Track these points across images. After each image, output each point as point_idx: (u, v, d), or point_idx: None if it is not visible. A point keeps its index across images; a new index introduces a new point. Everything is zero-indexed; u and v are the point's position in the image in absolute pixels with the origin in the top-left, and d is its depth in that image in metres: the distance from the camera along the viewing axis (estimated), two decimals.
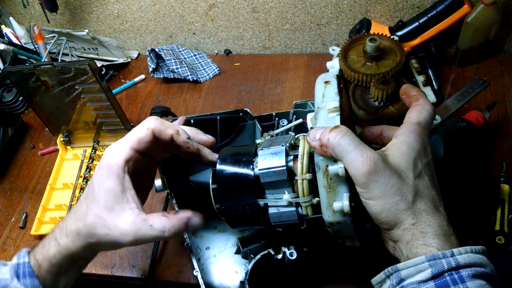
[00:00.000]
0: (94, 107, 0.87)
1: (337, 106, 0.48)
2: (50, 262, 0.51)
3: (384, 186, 0.42)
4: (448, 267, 0.39)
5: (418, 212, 0.42)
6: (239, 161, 0.52)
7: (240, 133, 0.74)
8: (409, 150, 0.44)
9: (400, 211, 0.42)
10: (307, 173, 0.48)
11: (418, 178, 0.44)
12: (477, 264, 0.40)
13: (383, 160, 0.42)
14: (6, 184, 0.92)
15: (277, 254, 0.58)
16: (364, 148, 0.43)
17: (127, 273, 0.74)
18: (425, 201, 0.43)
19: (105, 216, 0.49)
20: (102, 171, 0.49)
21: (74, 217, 0.52)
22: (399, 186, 0.42)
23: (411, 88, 0.52)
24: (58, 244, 0.51)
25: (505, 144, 0.79)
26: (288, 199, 0.49)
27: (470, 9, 0.85)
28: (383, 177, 0.42)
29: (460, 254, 0.40)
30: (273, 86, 1.00)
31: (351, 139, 0.43)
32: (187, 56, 1.08)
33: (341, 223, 0.46)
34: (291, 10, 0.99)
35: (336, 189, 0.45)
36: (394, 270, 0.41)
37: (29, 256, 0.52)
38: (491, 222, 0.68)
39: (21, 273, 0.50)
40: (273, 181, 0.50)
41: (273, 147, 0.51)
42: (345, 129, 0.44)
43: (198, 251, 0.71)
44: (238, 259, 0.69)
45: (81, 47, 1.08)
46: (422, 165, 0.44)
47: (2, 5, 1.10)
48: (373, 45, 0.72)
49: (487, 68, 0.93)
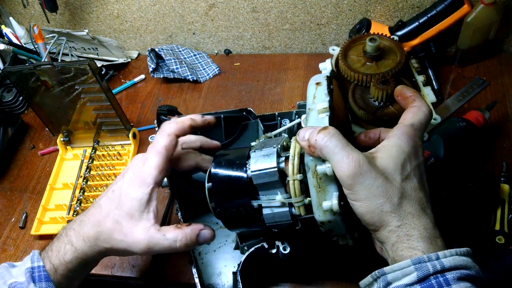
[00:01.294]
0: (94, 107, 0.87)
1: (326, 107, 0.48)
2: (66, 266, 0.53)
3: (369, 188, 0.42)
4: (433, 270, 0.39)
5: (404, 214, 0.42)
6: (232, 164, 0.53)
7: (244, 132, 0.75)
8: (398, 153, 0.44)
9: (385, 213, 0.42)
10: (298, 173, 0.48)
11: (406, 180, 0.44)
12: (462, 266, 0.40)
13: (369, 162, 0.43)
14: (6, 184, 0.92)
15: (271, 249, 0.59)
16: (350, 150, 0.43)
17: (127, 273, 0.74)
18: (412, 203, 0.43)
19: (123, 222, 0.51)
20: (133, 181, 0.52)
21: (92, 222, 0.53)
22: (385, 188, 0.42)
23: (406, 90, 0.52)
24: (75, 249, 0.53)
25: (505, 144, 0.79)
26: (280, 199, 0.50)
27: (470, 9, 0.85)
28: (368, 179, 0.42)
29: (445, 257, 0.40)
30: (273, 86, 1.00)
31: (338, 141, 0.43)
32: (187, 56, 1.08)
33: (331, 222, 0.47)
34: (291, 10, 0.99)
35: (326, 188, 0.46)
36: (381, 274, 0.42)
37: (43, 260, 0.53)
38: (491, 222, 0.68)
39: (37, 277, 0.51)
40: (266, 183, 0.50)
41: (265, 149, 0.52)
42: (332, 130, 0.44)
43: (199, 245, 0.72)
44: (237, 254, 0.69)
45: (81, 47, 1.08)
46: (411, 168, 0.44)
47: (2, 5, 1.10)
48: (373, 45, 0.72)
49: (487, 68, 0.93)
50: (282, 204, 0.50)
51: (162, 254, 0.74)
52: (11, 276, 0.53)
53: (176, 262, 0.73)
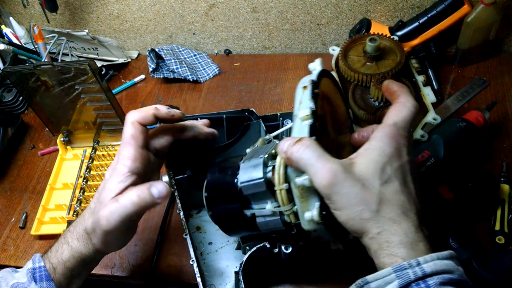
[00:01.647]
0: (94, 107, 0.87)
1: (308, 114, 0.48)
2: (64, 265, 0.54)
3: (346, 197, 0.42)
4: (414, 277, 0.39)
5: (384, 220, 0.42)
6: (224, 175, 0.54)
7: (246, 132, 0.75)
8: (378, 156, 0.43)
9: (365, 221, 0.42)
10: (284, 183, 0.48)
11: (386, 184, 0.43)
12: (444, 271, 0.39)
13: (344, 170, 0.42)
14: (6, 184, 0.92)
15: (274, 248, 0.59)
16: (325, 160, 0.43)
17: (127, 273, 0.74)
18: (392, 208, 0.42)
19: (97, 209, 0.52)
20: (111, 176, 0.53)
21: (81, 221, 0.55)
22: (362, 195, 0.42)
23: (392, 84, 0.50)
24: (71, 248, 0.54)
25: (505, 144, 0.79)
26: (271, 209, 0.50)
27: (470, 9, 0.85)
28: (344, 187, 0.42)
29: (426, 263, 0.39)
30: (273, 86, 1.00)
31: (313, 152, 0.43)
32: (187, 56, 1.08)
33: (317, 230, 0.47)
34: (291, 10, 0.99)
35: (308, 199, 0.46)
36: (364, 282, 0.41)
37: (43, 261, 0.54)
38: (491, 222, 0.68)
39: (38, 277, 0.53)
40: (255, 193, 0.51)
41: (253, 159, 0.52)
42: (307, 142, 0.44)
43: (201, 245, 0.72)
44: (239, 254, 0.70)
45: (81, 47, 1.08)
46: (392, 170, 0.43)
47: (2, 5, 1.10)
48: (373, 45, 0.72)
49: (487, 68, 0.93)
50: (273, 213, 0.51)
51: (162, 254, 0.74)
52: (14, 278, 0.54)
53: (176, 262, 0.73)
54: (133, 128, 0.54)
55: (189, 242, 0.64)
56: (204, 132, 0.62)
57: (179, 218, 0.79)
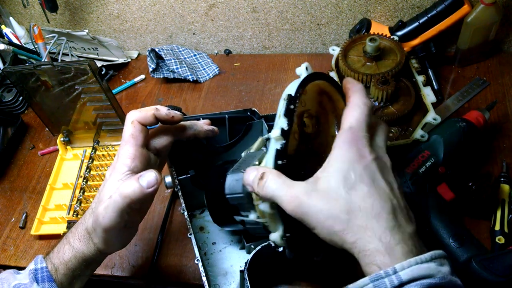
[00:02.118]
0: (94, 107, 0.87)
1: (278, 135, 0.46)
2: (66, 266, 0.54)
3: (315, 215, 0.42)
4: (391, 286, 0.37)
5: (356, 229, 0.41)
6: (217, 183, 0.56)
7: (248, 132, 0.75)
8: (340, 164, 0.43)
9: (339, 232, 0.41)
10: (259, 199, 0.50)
11: (352, 191, 0.41)
12: (422, 276, 0.38)
13: (307, 191, 0.42)
14: (6, 184, 0.92)
15: (278, 247, 0.59)
16: (286, 187, 0.43)
17: (127, 273, 0.74)
18: (362, 214, 0.41)
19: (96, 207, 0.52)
20: (111, 176, 0.54)
21: (83, 220, 0.55)
22: (329, 209, 0.41)
23: (346, 83, 0.48)
24: (73, 248, 0.54)
25: (505, 144, 0.79)
26: (254, 219, 0.51)
27: (470, 9, 0.85)
28: (310, 207, 0.42)
29: (403, 269, 0.38)
30: (273, 86, 1.00)
31: (274, 184, 0.44)
32: (187, 56, 1.08)
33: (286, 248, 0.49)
34: (291, 10, 0.99)
35: (275, 220, 0.48)
36: None
37: (45, 262, 0.54)
38: (491, 222, 0.68)
39: (40, 278, 0.53)
40: (239, 203, 0.52)
41: (236, 173, 0.53)
42: (269, 176, 0.45)
43: (204, 246, 0.72)
44: (243, 254, 0.70)
45: (81, 47, 1.08)
46: (356, 175, 0.42)
47: (2, 5, 1.10)
48: (373, 45, 0.72)
49: (487, 68, 0.93)
50: (256, 222, 0.51)
51: (162, 254, 0.75)
52: (16, 279, 0.54)
53: (176, 262, 0.73)
54: (133, 128, 0.54)
55: (193, 242, 0.64)
56: (204, 130, 0.62)
57: (179, 218, 0.79)
